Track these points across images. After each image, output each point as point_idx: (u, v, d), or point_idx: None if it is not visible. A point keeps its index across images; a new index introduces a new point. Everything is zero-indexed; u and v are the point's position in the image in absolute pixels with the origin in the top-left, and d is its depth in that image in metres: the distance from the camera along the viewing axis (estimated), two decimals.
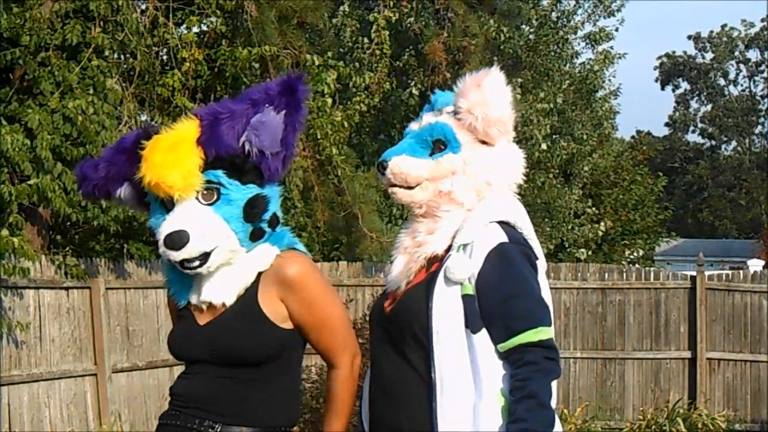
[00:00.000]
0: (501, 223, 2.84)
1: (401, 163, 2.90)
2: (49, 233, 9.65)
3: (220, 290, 2.89)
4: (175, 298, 2.98)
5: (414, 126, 3.00)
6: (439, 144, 2.90)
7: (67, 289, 9.15)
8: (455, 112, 2.89)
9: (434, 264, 2.84)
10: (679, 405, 11.38)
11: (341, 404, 2.95)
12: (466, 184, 2.86)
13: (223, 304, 2.89)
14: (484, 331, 2.75)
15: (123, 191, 2.94)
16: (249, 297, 2.89)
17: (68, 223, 9.88)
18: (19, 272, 8.06)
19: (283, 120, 2.86)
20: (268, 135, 2.85)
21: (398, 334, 2.83)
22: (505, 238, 2.80)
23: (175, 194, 2.81)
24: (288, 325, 2.89)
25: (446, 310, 2.75)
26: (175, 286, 2.98)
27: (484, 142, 2.88)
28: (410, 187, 2.91)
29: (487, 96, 2.84)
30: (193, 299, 2.94)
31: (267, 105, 2.86)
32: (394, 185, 2.93)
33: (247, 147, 2.85)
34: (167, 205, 2.85)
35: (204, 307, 2.91)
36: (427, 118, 2.97)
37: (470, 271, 2.76)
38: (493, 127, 2.85)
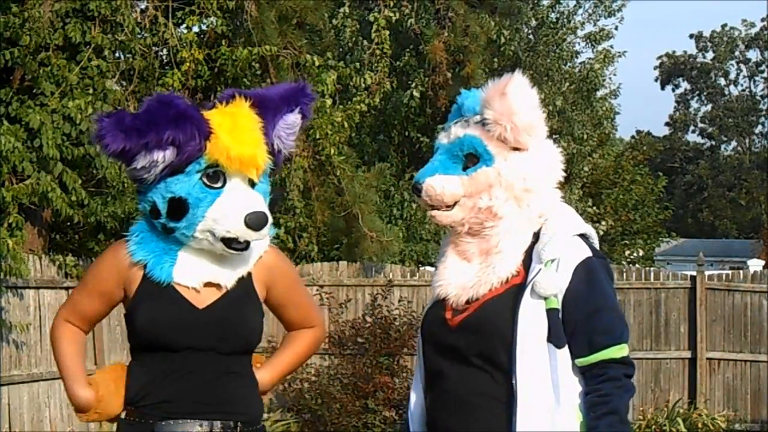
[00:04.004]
0: (580, 235, 2.82)
1: (435, 184, 2.82)
2: (49, 233, 9.65)
3: (227, 272, 2.84)
4: (154, 272, 2.81)
5: (443, 139, 2.90)
6: (471, 158, 2.82)
7: (67, 289, 9.16)
8: (483, 123, 2.81)
9: (512, 277, 2.79)
10: (679, 405, 11.38)
11: (296, 359, 3.06)
12: (504, 195, 2.79)
13: (225, 287, 2.84)
14: (567, 346, 2.72)
15: (164, 156, 2.74)
16: (247, 280, 2.89)
17: (68, 224, 9.88)
18: (17, 273, 8.05)
19: (300, 124, 2.95)
20: (294, 136, 2.95)
21: (471, 345, 2.77)
22: (590, 253, 2.78)
23: (255, 173, 2.82)
24: None
25: (531, 324, 2.71)
26: (153, 259, 2.83)
27: (516, 149, 2.81)
28: (449, 206, 2.84)
29: (512, 104, 2.76)
30: (188, 279, 2.82)
31: (295, 106, 2.92)
32: (432, 206, 2.86)
33: (276, 143, 2.91)
34: (211, 181, 2.79)
35: (200, 287, 2.82)
36: (455, 130, 2.87)
37: (559, 286, 2.72)
38: (523, 133, 2.79)
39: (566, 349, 2.72)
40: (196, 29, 9.95)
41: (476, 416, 2.76)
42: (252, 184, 2.84)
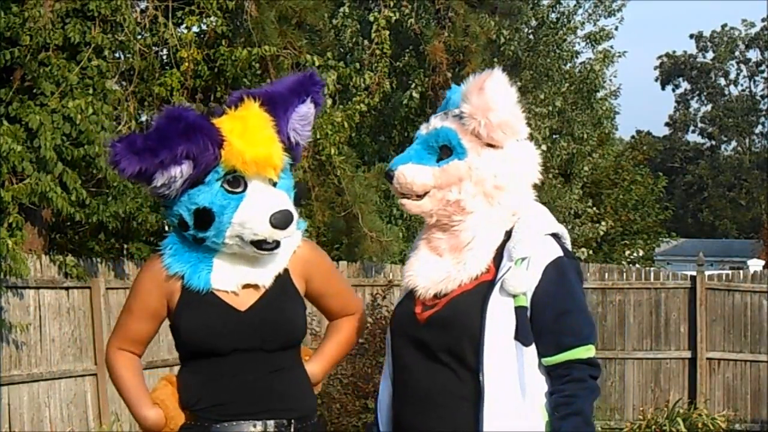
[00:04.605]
0: (552, 235, 2.82)
1: (407, 172, 2.84)
2: (49, 233, 9.65)
3: (263, 271, 2.86)
4: (192, 281, 2.84)
5: (422, 129, 2.93)
6: (445, 150, 2.82)
7: (67, 289, 9.16)
8: (460, 117, 2.82)
9: (482, 274, 2.79)
10: (679, 405, 11.38)
11: (343, 348, 3.09)
12: (474, 190, 2.79)
13: (263, 286, 2.86)
14: (534, 345, 2.72)
15: (181, 170, 2.76)
16: (284, 276, 2.90)
17: (68, 223, 9.88)
18: (17, 273, 8.05)
19: (314, 112, 2.95)
20: (310, 126, 2.95)
21: (438, 341, 2.77)
22: (560, 252, 2.78)
23: (273, 173, 2.82)
24: None
25: (499, 321, 2.71)
26: (189, 269, 2.85)
27: (490, 145, 2.81)
28: (419, 196, 2.84)
29: (489, 100, 2.77)
30: (226, 284, 2.84)
31: (306, 96, 2.92)
32: (403, 195, 2.87)
33: (292, 136, 2.91)
34: (232, 187, 2.80)
35: (239, 290, 2.84)
36: (434, 121, 2.89)
37: (528, 285, 2.72)
38: (498, 130, 2.78)
39: (533, 347, 2.72)
40: (195, 29, 9.95)
41: (440, 414, 2.76)
42: (274, 182, 2.85)
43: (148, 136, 2.75)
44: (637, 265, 18.45)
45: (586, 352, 2.72)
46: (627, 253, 21.24)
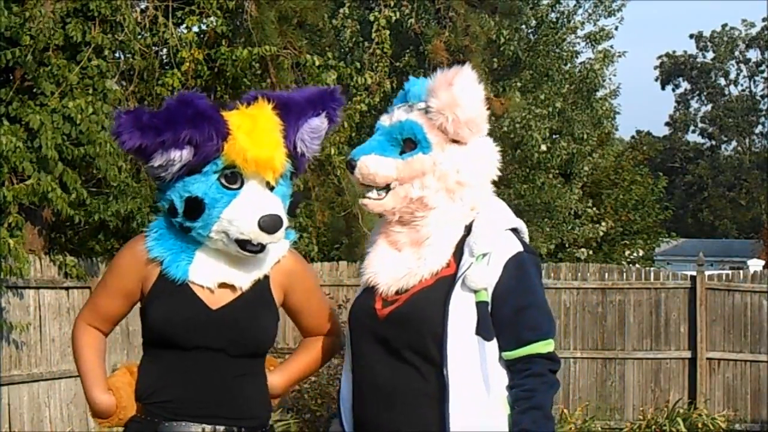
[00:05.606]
0: (512, 230, 2.83)
1: (369, 163, 2.83)
2: (49, 233, 9.65)
3: (243, 273, 2.84)
4: (170, 270, 2.81)
5: (385, 120, 2.91)
6: (409, 143, 2.82)
7: (67, 289, 9.16)
8: (426, 111, 2.82)
9: (442, 269, 2.79)
10: (679, 405, 11.39)
11: (310, 366, 3.05)
12: (436, 185, 2.79)
13: (240, 288, 2.84)
14: (495, 340, 2.73)
15: (181, 155, 2.74)
16: (264, 283, 2.88)
17: (68, 224, 9.88)
18: (18, 273, 8.05)
19: (327, 128, 2.94)
20: (319, 141, 2.94)
21: (400, 337, 2.76)
22: (521, 248, 2.79)
23: (272, 176, 2.80)
24: None
25: (461, 316, 2.72)
26: (170, 256, 2.83)
27: (455, 141, 2.82)
28: (380, 190, 2.84)
29: (457, 96, 2.77)
30: (204, 278, 2.81)
31: (321, 110, 2.91)
32: (365, 186, 2.86)
33: (299, 146, 2.90)
34: (229, 182, 2.78)
35: (214, 288, 2.82)
36: (398, 113, 2.88)
37: (489, 280, 2.73)
38: (465, 127, 2.79)
39: (494, 341, 2.73)
40: (195, 29, 9.95)
41: (405, 412, 2.76)
42: (272, 187, 2.83)
43: (156, 115, 2.74)
44: (637, 265, 18.45)
45: (546, 346, 2.74)
46: (627, 253, 21.24)
